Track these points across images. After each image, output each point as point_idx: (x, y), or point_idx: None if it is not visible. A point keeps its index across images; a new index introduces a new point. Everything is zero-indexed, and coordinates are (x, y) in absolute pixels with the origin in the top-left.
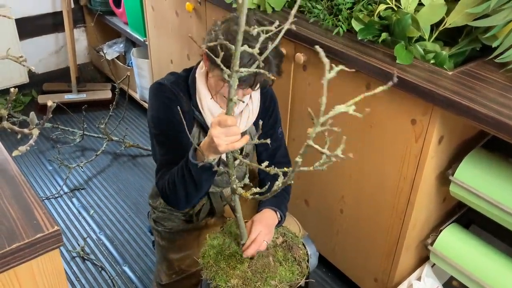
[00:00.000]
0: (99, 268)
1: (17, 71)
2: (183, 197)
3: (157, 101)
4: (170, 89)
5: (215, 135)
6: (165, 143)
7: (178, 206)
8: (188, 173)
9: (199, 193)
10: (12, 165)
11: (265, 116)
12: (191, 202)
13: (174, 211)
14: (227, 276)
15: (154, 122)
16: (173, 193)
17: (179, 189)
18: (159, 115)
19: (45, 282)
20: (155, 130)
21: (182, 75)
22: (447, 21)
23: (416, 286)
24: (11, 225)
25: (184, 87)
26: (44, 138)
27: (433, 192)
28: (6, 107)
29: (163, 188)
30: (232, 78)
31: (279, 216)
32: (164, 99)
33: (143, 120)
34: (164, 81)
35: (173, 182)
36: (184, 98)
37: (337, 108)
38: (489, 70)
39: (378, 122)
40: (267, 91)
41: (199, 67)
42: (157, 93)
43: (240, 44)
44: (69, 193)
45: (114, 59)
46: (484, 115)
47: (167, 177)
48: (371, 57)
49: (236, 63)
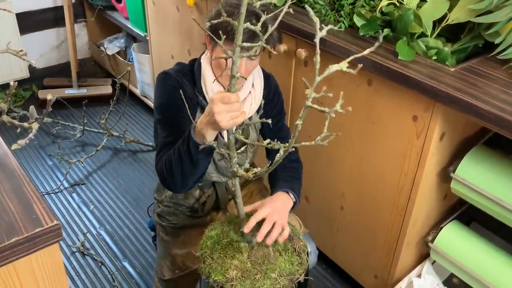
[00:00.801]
0: (99, 263)
1: (17, 66)
2: (179, 176)
3: (162, 89)
4: (174, 77)
5: (217, 111)
6: (167, 126)
7: (175, 186)
8: (186, 150)
9: (195, 173)
10: (12, 159)
11: (269, 107)
12: (186, 182)
13: (179, 205)
14: (224, 266)
15: (158, 108)
16: (170, 172)
17: (176, 167)
18: (163, 101)
19: (44, 276)
20: (159, 115)
21: (187, 64)
22: (450, 17)
23: (416, 283)
24: (11, 219)
25: (189, 75)
26: (45, 133)
27: (434, 189)
28: (6, 100)
29: (161, 168)
30: (235, 53)
31: (292, 196)
32: (168, 87)
33: (143, 116)
34: (169, 71)
35: (170, 161)
36: (188, 85)
37: (332, 67)
38: (492, 66)
39: (380, 118)
40: (271, 82)
41: (204, 54)
42: (162, 81)
43: (243, 17)
44: (69, 188)
45: (114, 54)
46: (486, 112)
47: (164, 157)
48: (373, 53)
49: (239, 38)
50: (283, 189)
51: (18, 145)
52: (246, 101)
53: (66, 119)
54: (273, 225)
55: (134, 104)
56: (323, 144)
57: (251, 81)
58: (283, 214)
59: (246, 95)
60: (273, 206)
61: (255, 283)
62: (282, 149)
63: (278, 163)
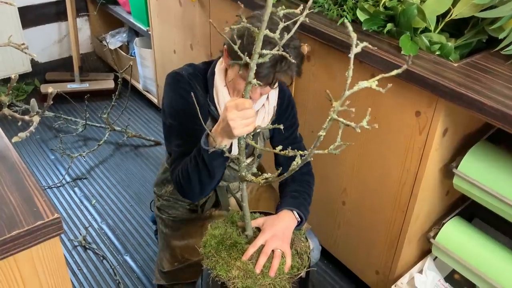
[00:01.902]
0: (101, 257)
1: (19, 60)
2: (196, 186)
3: (174, 92)
4: (187, 80)
5: (231, 118)
6: (180, 134)
7: (193, 195)
8: (201, 160)
9: (212, 181)
10: (13, 152)
11: (281, 118)
12: (204, 190)
13: (179, 200)
14: (228, 266)
15: (170, 112)
16: (187, 182)
17: (193, 177)
18: (175, 106)
19: (45, 269)
20: (171, 120)
21: (200, 67)
22: (453, 12)
23: (418, 279)
24: (11, 212)
25: (202, 80)
26: (47, 128)
27: (437, 184)
28: (7, 93)
29: (177, 178)
30: (252, 60)
31: (297, 215)
32: (181, 90)
33: (145, 110)
34: (182, 72)
35: (187, 171)
36: (200, 91)
37: (361, 84)
38: (495, 62)
39: (382, 114)
40: (285, 93)
41: (219, 62)
42: (174, 82)
43: (265, 25)
44: (71, 183)
45: (117, 49)
46: (490, 107)
47: (180, 167)
48: (376, 47)
49: (259, 44)
50: (289, 208)
51: (18, 138)
52: (258, 114)
53: (68, 114)
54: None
55: (136, 98)
56: (335, 153)
57: (266, 94)
58: (284, 239)
59: (259, 107)
60: (274, 230)
61: (256, 281)
62: (299, 158)
63: (293, 172)
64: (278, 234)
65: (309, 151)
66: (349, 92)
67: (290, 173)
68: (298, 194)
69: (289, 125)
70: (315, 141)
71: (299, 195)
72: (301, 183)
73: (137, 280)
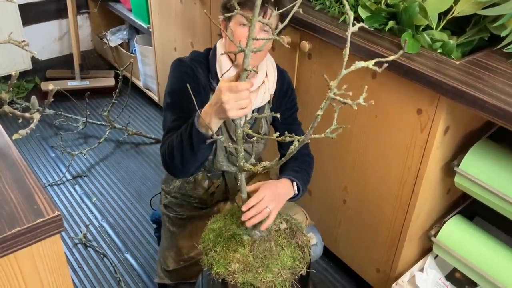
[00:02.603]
0: (101, 255)
1: (20, 58)
2: (178, 161)
3: (175, 76)
4: (189, 64)
5: (225, 100)
6: (176, 111)
7: (175, 170)
8: (187, 137)
9: (195, 160)
10: (14, 149)
11: (282, 101)
12: (186, 169)
13: (187, 196)
14: (226, 259)
15: (169, 92)
16: (171, 156)
17: (176, 152)
18: (174, 87)
19: (45, 267)
20: (170, 99)
21: (203, 53)
22: (455, 9)
23: (419, 277)
24: (12, 210)
25: (203, 63)
26: (47, 125)
27: (438, 183)
28: (7, 90)
29: (164, 151)
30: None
31: (295, 187)
32: (182, 74)
33: (146, 108)
34: (184, 58)
35: (172, 145)
36: (202, 73)
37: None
38: (497, 60)
39: (384, 111)
40: (285, 77)
41: (219, 41)
42: (175, 68)
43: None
44: (72, 180)
45: (117, 46)
46: (492, 105)
47: (168, 140)
48: (378, 45)
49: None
50: (290, 177)
51: (19, 135)
52: (259, 90)
53: (69, 111)
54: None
55: (137, 96)
56: (332, 137)
57: (265, 71)
58: (278, 203)
59: (260, 84)
60: (273, 191)
61: (256, 276)
62: (296, 142)
63: (291, 155)
64: (276, 196)
65: (306, 133)
66: (346, 71)
67: (288, 157)
68: (299, 169)
69: (289, 107)
70: (313, 122)
71: (300, 170)
72: (302, 162)
73: (137, 278)
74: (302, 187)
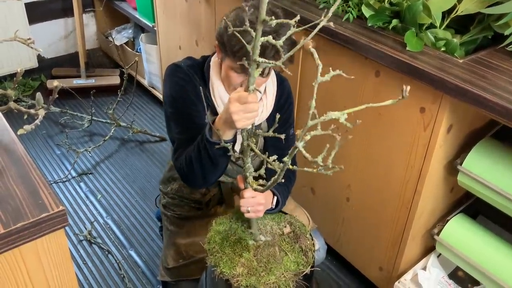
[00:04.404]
0: (106, 252)
1: (26, 56)
2: (199, 174)
3: (172, 81)
4: (185, 71)
5: (233, 111)
6: (180, 122)
7: (196, 183)
8: (204, 149)
9: (216, 170)
10: (19, 146)
11: (279, 112)
12: (208, 179)
13: (184, 197)
14: (232, 262)
15: (169, 100)
16: (190, 170)
17: (196, 165)
18: (173, 94)
19: (50, 261)
20: (170, 108)
21: (198, 61)
22: (459, 8)
23: (422, 275)
24: (17, 205)
25: (200, 73)
26: (53, 123)
27: (441, 181)
28: (12, 87)
29: (181, 166)
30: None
31: (275, 201)
32: (179, 79)
33: (151, 106)
34: (180, 64)
35: (190, 159)
36: (199, 81)
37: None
38: (501, 58)
39: (387, 110)
40: (285, 88)
41: (214, 56)
42: (172, 73)
43: (260, 34)
44: (77, 178)
45: (122, 45)
46: (495, 104)
47: (183, 155)
48: (381, 44)
49: (256, 52)
50: (274, 190)
51: (24, 130)
52: None
53: (74, 109)
54: None
55: (142, 94)
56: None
57: (263, 88)
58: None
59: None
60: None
61: (260, 279)
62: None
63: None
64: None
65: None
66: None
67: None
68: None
69: (284, 121)
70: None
71: (282, 184)
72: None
73: (141, 275)
74: (282, 202)
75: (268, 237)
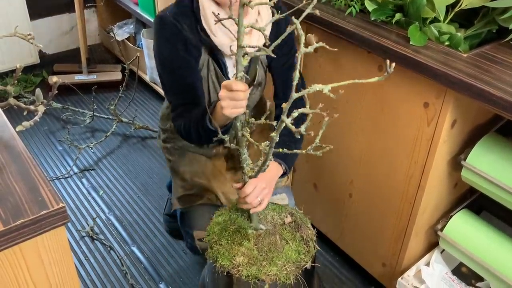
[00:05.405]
0: (108, 248)
1: (27, 52)
2: (197, 141)
3: (159, 39)
4: (172, 22)
5: (221, 96)
6: (173, 84)
7: (193, 144)
8: (202, 129)
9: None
10: (19, 142)
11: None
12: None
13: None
14: (231, 253)
15: (159, 60)
16: (188, 136)
17: (195, 136)
18: (164, 52)
19: (50, 258)
20: (161, 69)
21: (186, 4)
22: (463, 2)
23: (425, 271)
24: (16, 202)
25: (189, 15)
26: (55, 119)
27: (445, 177)
28: (12, 83)
29: (179, 128)
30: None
31: (284, 167)
32: (167, 35)
33: (153, 102)
34: (166, 14)
35: (189, 130)
36: (188, 29)
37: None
38: (506, 52)
39: (390, 105)
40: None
41: None
42: (159, 29)
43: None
44: (79, 174)
45: (124, 40)
46: (500, 99)
47: (182, 121)
48: (384, 38)
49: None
50: (276, 160)
51: (22, 127)
52: (253, 33)
53: (76, 105)
54: None
55: (143, 90)
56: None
57: (257, 9)
58: (270, 188)
59: (253, 22)
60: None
61: (261, 269)
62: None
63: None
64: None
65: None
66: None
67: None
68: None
69: (286, 52)
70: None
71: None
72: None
73: (144, 271)
74: (289, 166)
75: (269, 226)
